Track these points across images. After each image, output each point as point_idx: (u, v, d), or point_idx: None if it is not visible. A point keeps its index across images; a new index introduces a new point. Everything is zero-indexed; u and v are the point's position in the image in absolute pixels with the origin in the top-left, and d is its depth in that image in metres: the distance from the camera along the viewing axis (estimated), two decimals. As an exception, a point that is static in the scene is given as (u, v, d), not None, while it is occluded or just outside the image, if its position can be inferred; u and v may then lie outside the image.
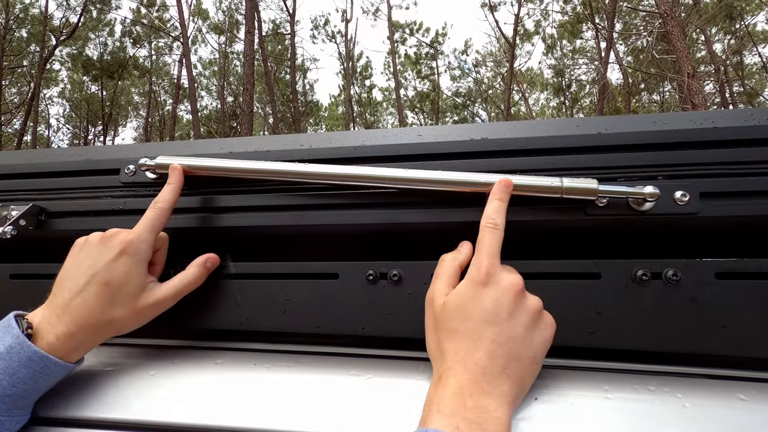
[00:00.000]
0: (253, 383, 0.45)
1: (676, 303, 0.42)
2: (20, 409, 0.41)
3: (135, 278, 0.45)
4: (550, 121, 0.55)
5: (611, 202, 0.46)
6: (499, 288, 0.40)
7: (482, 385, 0.36)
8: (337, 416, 0.41)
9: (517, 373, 0.38)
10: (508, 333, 0.38)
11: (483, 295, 0.40)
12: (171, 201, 0.50)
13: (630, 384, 0.41)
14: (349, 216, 0.50)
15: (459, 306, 0.40)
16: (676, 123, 0.50)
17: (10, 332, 0.40)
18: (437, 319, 0.42)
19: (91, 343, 0.44)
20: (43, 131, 21.52)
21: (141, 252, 0.46)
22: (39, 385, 0.41)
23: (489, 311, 0.39)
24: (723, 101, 15.05)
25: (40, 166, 0.59)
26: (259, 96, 21.46)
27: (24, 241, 0.54)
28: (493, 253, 0.42)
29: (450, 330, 0.40)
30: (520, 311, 0.39)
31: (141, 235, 0.47)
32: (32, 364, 0.40)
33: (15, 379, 0.39)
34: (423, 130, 0.57)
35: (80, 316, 0.43)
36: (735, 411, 0.38)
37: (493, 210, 0.44)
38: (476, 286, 0.40)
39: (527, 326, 0.39)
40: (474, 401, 0.35)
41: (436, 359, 0.41)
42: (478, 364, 0.37)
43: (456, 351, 0.39)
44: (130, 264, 0.45)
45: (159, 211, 0.49)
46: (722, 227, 0.45)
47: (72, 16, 15.72)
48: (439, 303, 0.42)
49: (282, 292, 0.49)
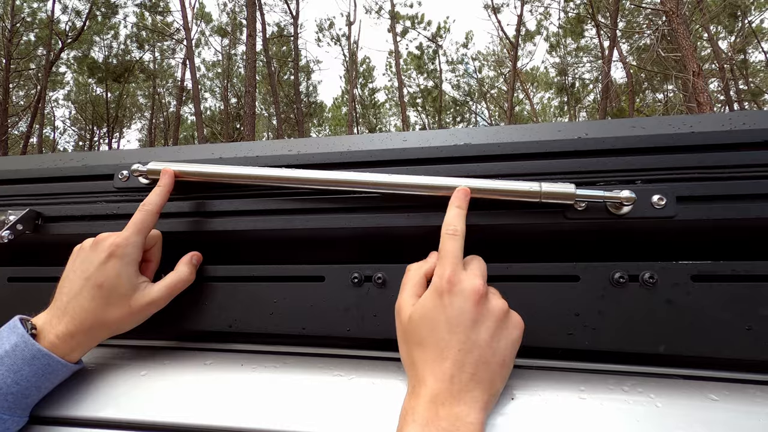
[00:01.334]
0: (241, 383, 0.47)
1: (652, 305, 0.43)
2: (21, 410, 0.43)
3: (126, 279, 0.47)
4: (534, 126, 0.56)
5: (590, 206, 0.47)
6: (462, 295, 0.40)
7: (453, 392, 0.37)
8: (321, 416, 0.42)
9: (486, 378, 0.38)
10: (474, 339, 0.39)
11: (446, 304, 0.40)
12: (158, 203, 0.51)
13: (605, 384, 0.42)
14: (335, 220, 0.51)
15: (423, 317, 0.41)
16: (655, 128, 0.51)
17: (15, 332, 0.43)
18: (405, 332, 0.42)
19: (89, 342, 0.46)
20: (49, 133, 21.72)
21: (129, 254, 0.48)
22: (40, 384, 0.43)
23: (453, 320, 0.40)
24: (728, 99, 14.94)
25: (37, 171, 0.61)
26: (263, 97, 21.55)
27: (21, 245, 0.55)
28: (454, 261, 0.42)
29: (418, 342, 0.41)
30: (484, 316, 0.40)
31: (129, 238, 0.48)
32: (36, 362, 0.43)
33: (19, 376, 0.42)
34: (408, 135, 0.58)
35: (78, 318, 0.45)
36: (706, 411, 0.39)
37: (452, 217, 0.45)
38: (439, 295, 0.41)
39: (493, 331, 0.40)
40: (446, 410, 0.36)
41: (409, 370, 0.42)
42: (447, 373, 0.38)
43: (425, 361, 0.39)
44: (119, 266, 0.47)
45: (146, 214, 0.50)
46: (698, 230, 0.46)
47: (77, 20, 15.86)
48: (406, 315, 0.43)
49: (269, 295, 0.51)
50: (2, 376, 0.41)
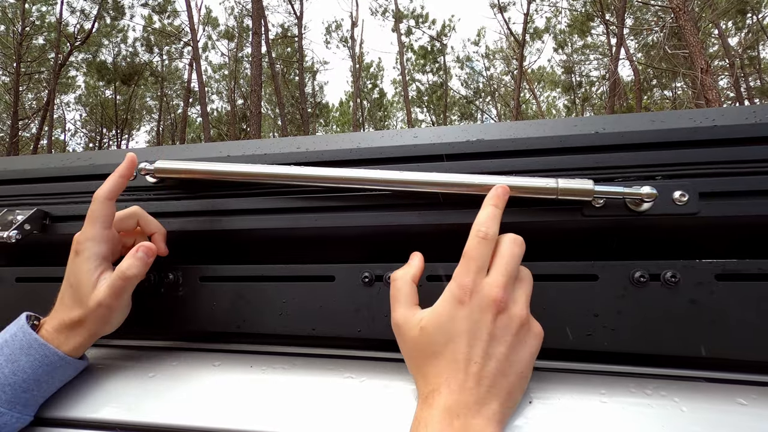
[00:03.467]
0: (250, 385, 0.46)
1: (674, 305, 0.42)
2: (22, 406, 0.42)
3: (84, 276, 0.45)
4: (548, 122, 0.54)
5: (608, 202, 0.45)
6: (480, 306, 0.38)
7: (469, 405, 0.35)
8: (331, 418, 0.41)
9: (504, 390, 0.37)
10: (492, 352, 0.37)
11: (463, 316, 0.38)
12: (109, 189, 0.47)
13: (626, 387, 0.41)
14: (344, 218, 0.50)
15: (439, 327, 0.39)
16: (675, 122, 0.49)
17: (17, 324, 0.44)
18: (417, 344, 0.40)
19: (74, 339, 0.45)
20: (59, 135, 21.99)
21: (88, 248, 0.46)
22: (39, 377, 0.43)
23: (470, 332, 0.37)
24: (738, 96, 14.73)
25: (44, 171, 0.61)
26: (269, 98, 21.64)
27: (29, 244, 0.55)
28: (477, 268, 0.39)
29: (432, 353, 0.39)
30: (503, 329, 0.38)
31: (84, 233, 0.46)
32: (32, 352, 0.43)
33: (16, 366, 0.42)
34: (419, 131, 0.56)
35: (61, 315, 0.46)
36: (734, 415, 0.37)
37: (486, 217, 0.41)
38: (455, 304, 0.39)
39: (511, 343, 0.38)
40: (461, 422, 0.34)
41: (419, 380, 0.40)
42: (464, 386, 0.36)
43: (439, 373, 0.37)
44: (79, 262, 0.46)
45: (95, 203, 0.47)
46: (722, 228, 0.44)
47: (86, 23, 16.02)
48: (415, 327, 0.40)
49: (278, 295, 0.50)
50: (0, 366, 0.42)
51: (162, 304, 0.52)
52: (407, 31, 22.03)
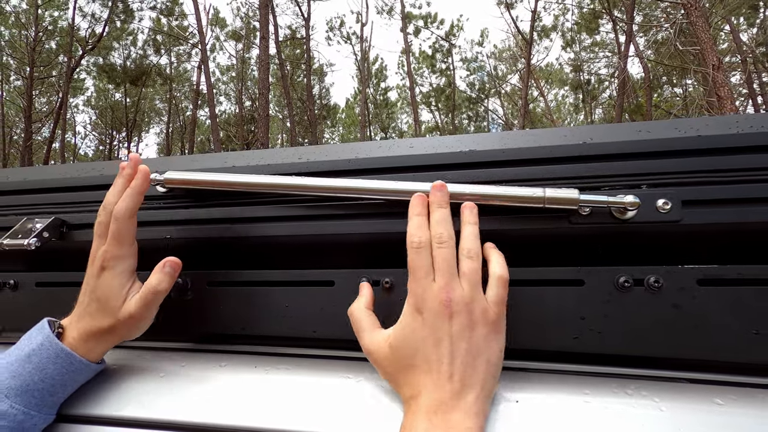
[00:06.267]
0: (254, 384, 0.49)
1: (658, 309, 0.44)
2: (48, 407, 0.46)
3: (114, 291, 0.48)
4: (539, 132, 0.56)
5: (594, 211, 0.47)
6: (434, 311, 0.41)
7: (446, 401, 0.38)
8: (330, 417, 0.44)
9: (477, 381, 0.39)
10: (456, 348, 0.40)
11: (422, 324, 0.41)
12: (130, 208, 0.49)
13: (609, 387, 0.43)
14: (343, 226, 0.53)
15: (404, 341, 0.42)
16: (660, 131, 0.51)
17: (42, 332, 0.47)
18: (390, 361, 0.43)
19: (103, 345, 0.49)
20: (70, 138, 22.34)
21: (117, 266, 0.49)
22: (65, 382, 0.46)
23: (432, 335, 0.41)
24: (751, 93, 14.50)
25: (61, 181, 0.64)
26: (278, 99, 21.77)
27: (48, 251, 0.58)
28: (424, 274, 0.43)
29: (406, 366, 0.42)
30: (459, 325, 0.40)
31: (112, 251, 0.49)
32: (59, 360, 0.46)
33: (44, 374, 0.45)
34: (415, 141, 0.59)
35: (86, 325, 0.48)
36: (711, 415, 0.39)
37: (415, 227, 0.45)
38: (415, 315, 0.42)
39: (470, 336, 0.40)
40: (440, 418, 0.37)
41: (402, 392, 0.42)
42: (438, 384, 0.39)
43: (417, 382, 0.40)
44: (109, 278, 0.48)
45: (119, 223, 0.49)
46: (704, 234, 0.46)
47: (97, 27, 16.27)
48: (384, 347, 0.43)
49: (281, 299, 0.52)
50: (30, 373, 0.44)
51: (172, 308, 0.55)
52: (415, 31, 22.04)
